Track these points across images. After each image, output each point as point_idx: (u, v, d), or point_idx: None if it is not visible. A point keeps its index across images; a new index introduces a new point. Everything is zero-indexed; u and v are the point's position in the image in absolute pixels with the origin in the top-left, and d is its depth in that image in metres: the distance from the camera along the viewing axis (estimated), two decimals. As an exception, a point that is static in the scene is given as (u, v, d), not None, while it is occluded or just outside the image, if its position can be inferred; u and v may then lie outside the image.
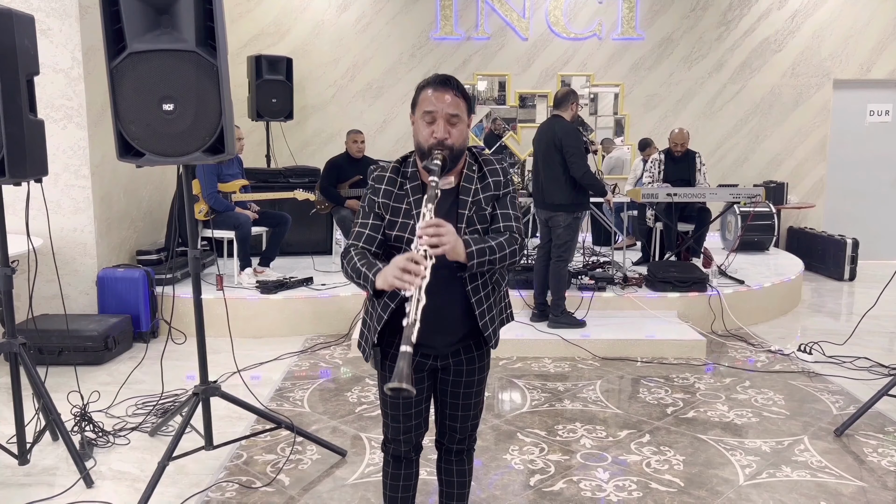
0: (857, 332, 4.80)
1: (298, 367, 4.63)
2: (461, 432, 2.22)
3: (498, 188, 2.07)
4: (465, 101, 1.99)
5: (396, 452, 2.20)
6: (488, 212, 2.05)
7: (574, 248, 5.05)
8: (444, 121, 1.95)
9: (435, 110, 1.95)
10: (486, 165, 2.08)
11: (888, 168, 8.64)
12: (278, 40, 8.23)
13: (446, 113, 1.95)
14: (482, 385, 2.20)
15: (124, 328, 4.86)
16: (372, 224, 2.05)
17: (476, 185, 2.04)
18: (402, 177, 2.05)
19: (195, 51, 2.76)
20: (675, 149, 6.37)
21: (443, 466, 2.31)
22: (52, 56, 4.86)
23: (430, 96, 1.96)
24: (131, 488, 2.98)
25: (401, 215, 2.02)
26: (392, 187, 2.04)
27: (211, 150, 2.84)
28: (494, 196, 2.06)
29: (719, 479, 3.08)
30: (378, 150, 8.00)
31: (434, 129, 1.95)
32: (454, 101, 1.96)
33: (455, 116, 1.96)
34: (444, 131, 1.94)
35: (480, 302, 2.04)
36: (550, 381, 4.36)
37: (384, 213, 2.04)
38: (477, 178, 2.06)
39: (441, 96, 1.95)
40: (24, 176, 2.91)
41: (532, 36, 8.33)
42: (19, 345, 3.10)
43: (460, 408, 2.18)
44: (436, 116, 1.95)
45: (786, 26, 8.35)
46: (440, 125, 1.95)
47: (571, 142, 4.82)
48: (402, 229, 2.01)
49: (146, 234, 6.01)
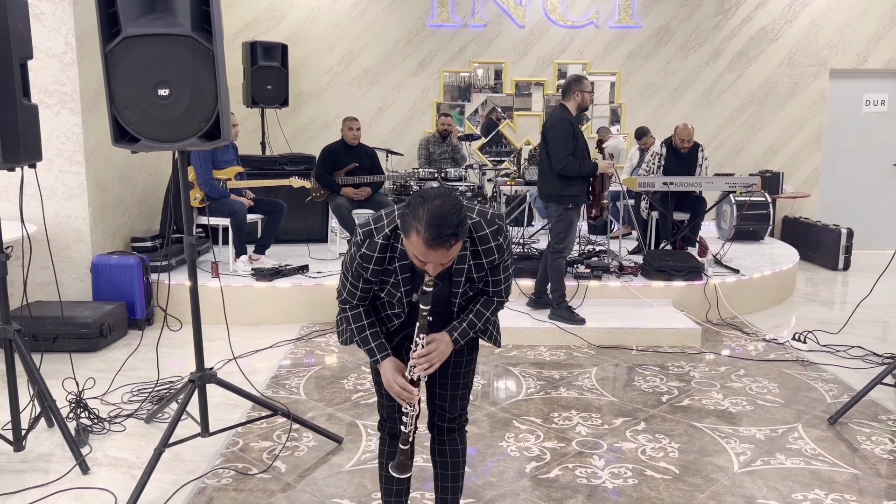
0: (851, 321, 4.81)
1: (294, 354, 4.62)
2: (451, 411, 2.26)
3: (490, 256, 2.02)
4: (460, 239, 1.81)
5: (392, 430, 2.25)
6: (478, 276, 2.07)
7: (570, 241, 4.92)
8: (437, 265, 1.86)
9: (426, 261, 1.84)
10: (480, 244, 1.99)
11: (883, 158, 8.65)
12: (273, 26, 8.17)
13: (439, 263, 1.86)
14: (471, 365, 2.25)
15: (119, 315, 4.85)
16: (363, 287, 2.06)
17: (469, 263, 2.02)
18: (391, 251, 1.98)
19: (191, 35, 2.73)
20: (682, 146, 6.28)
21: (436, 448, 2.33)
22: (45, 41, 4.81)
23: (422, 250, 1.80)
24: (127, 475, 2.97)
25: (389, 285, 2.05)
26: (381, 266, 2.00)
27: (207, 135, 2.82)
28: (489, 264, 2.05)
29: (714, 466, 3.09)
30: (374, 137, 7.98)
31: (427, 267, 1.87)
32: (449, 253, 1.82)
33: (449, 261, 1.89)
34: (435, 270, 1.88)
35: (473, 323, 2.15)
36: (546, 369, 4.37)
37: (374, 280, 2.04)
38: (469, 253, 2.01)
39: (434, 254, 1.80)
40: (18, 161, 2.89)
41: (529, 23, 8.29)
42: (14, 331, 3.08)
43: (449, 387, 2.23)
44: (427, 261, 1.85)
45: (783, 15, 8.33)
46: (432, 268, 1.87)
47: (554, 134, 4.75)
48: (390, 296, 2.08)
49: (141, 221, 5.98)
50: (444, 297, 2.07)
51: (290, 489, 2.88)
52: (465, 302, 2.13)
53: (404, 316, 2.12)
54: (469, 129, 8.46)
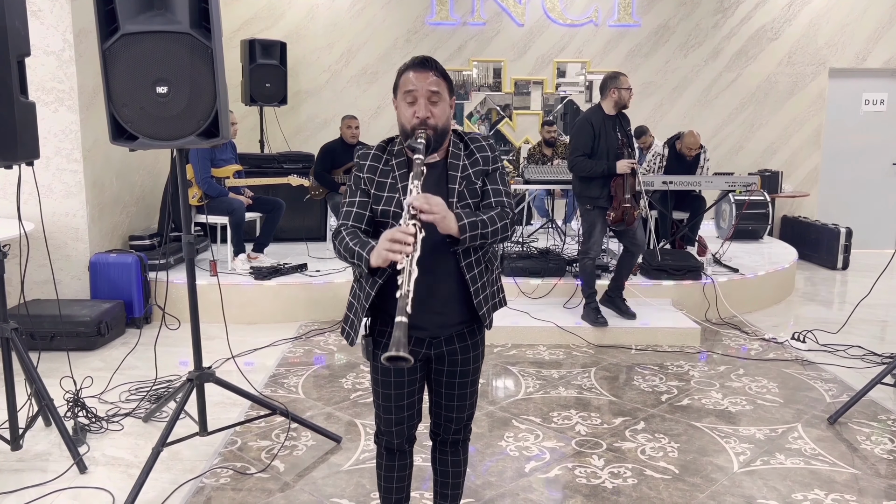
0: (851, 320, 4.81)
1: (293, 353, 4.61)
2: (456, 423, 2.19)
3: (487, 163, 2.07)
4: (445, 80, 2.00)
5: (389, 445, 2.18)
6: (478, 186, 2.05)
7: (594, 243, 4.79)
8: (426, 100, 1.95)
9: (415, 89, 1.95)
10: (472, 143, 2.08)
11: (882, 157, 8.65)
12: (272, 24, 8.15)
13: (427, 91, 1.95)
14: (477, 374, 2.17)
15: (117, 314, 4.83)
16: (359, 202, 2.03)
17: (464, 161, 2.04)
18: (387, 154, 2.05)
19: (189, 32, 2.72)
20: (689, 154, 6.26)
21: (437, 457, 2.28)
22: (42, 38, 4.79)
23: (411, 77, 1.96)
24: (125, 474, 2.96)
25: (386, 189, 2.01)
26: (377, 163, 2.03)
27: (205, 133, 2.81)
28: (484, 171, 2.06)
29: (713, 466, 3.09)
30: (372, 136, 7.95)
31: (416, 109, 1.95)
32: (435, 80, 1.96)
33: (436, 94, 1.96)
34: (425, 110, 1.94)
35: (475, 279, 2.02)
36: (545, 368, 4.36)
37: (370, 189, 2.03)
38: (464, 154, 2.06)
39: (421, 76, 1.95)
40: (15, 159, 2.87)
41: (528, 22, 8.28)
42: (11, 329, 3.07)
43: (455, 398, 2.15)
44: (416, 96, 1.95)
45: (782, 14, 8.32)
46: (422, 104, 1.95)
47: (573, 135, 4.76)
48: (387, 203, 2.00)
49: (139, 220, 5.97)
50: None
51: (289, 489, 2.87)
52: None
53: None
54: (468, 128, 8.45)
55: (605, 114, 4.71)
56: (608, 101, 4.71)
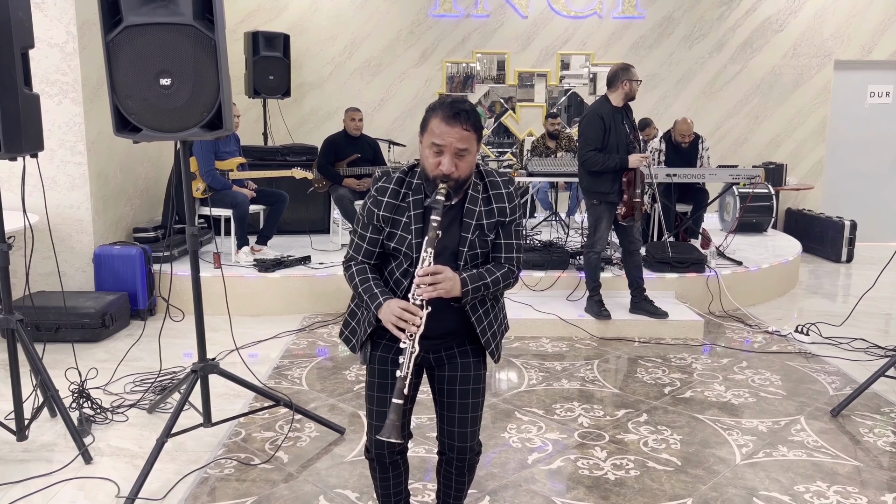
0: (854, 313, 4.81)
1: (296, 345, 4.63)
2: (461, 440, 2.11)
3: (504, 215, 2.03)
4: (476, 132, 1.93)
5: (381, 459, 2.15)
6: (490, 238, 2.03)
7: (599, 237, 4.77)
8: (452, 154, 1.90)
9: (443, 144, 1.89)
10: (492, 189, 2.03)
11: (887, 150, 8.62)
12: (275, 16, 8.13)
13: (455, 147, 1.90)
14: (480, 383, 2.12)
15: (121, 305, 4.85)
16: (370, 238, 2.04)
17: (480, 208, 2.01)
18: (406, 187, 2.01)
19: (193, 24, 2.71)
20: (683, 140, 6.26)
21: (442, 470, 2.24)
22: (46, 30, 4.79)
23: (441, 129, 1.89)
24: (130, 465, 2.98)
25: (400, 228, 2.00)
26: (395, 200, 2.00)
27: (209, 125, 2.81)
28: (500, 222, 2.04)
29: (716, 458, 3.09)
30: (376, 128, 7.95)
31: (441, 161, 1.91)
32: (465, 135, 1.90)
33: (464, 150, 1.91)
34: (450, 165, 1.90)
35: (480, 319, 2.05)
36: (548, 360, 4.36)
37: (383, 226, 2.01)
38: (482, 199, 2.01)
39: (450, 131, 1.89)
40: (19, 151, 2.88)
41: (532, 14, 8.25)
42: (17, 321, 3.09)
43: (458, 408, 2.09)
44: (443, 150, 1.90)
45: (787, 6, 8.28)
46: (447, 159, 1.90)
47: (583, 128, 4.72)
48: (399, 242, 2.00)
49: (143, 212, 5.98)
50: (451, 247, 1.99)
51: (293, 479, 2.89)
52: (472, 267, 2.03)
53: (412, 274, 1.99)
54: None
55: (612, 106, 4.67)
56: (618, 93, 4.65)
